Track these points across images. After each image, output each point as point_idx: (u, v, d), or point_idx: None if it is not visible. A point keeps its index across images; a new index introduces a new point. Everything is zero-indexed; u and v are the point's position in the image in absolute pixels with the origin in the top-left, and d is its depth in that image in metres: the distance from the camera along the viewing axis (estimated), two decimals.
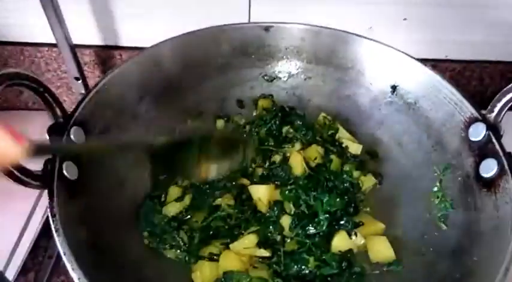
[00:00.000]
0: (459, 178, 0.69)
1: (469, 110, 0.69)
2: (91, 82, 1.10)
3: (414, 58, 0.78)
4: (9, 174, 0.53)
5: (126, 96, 0.74)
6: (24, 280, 0.87)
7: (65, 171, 0.59)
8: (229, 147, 0.65)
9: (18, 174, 0.53)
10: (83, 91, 1.04)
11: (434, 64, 1.10)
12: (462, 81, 1.15)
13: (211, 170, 0.63)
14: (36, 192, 0.92)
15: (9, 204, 0.90)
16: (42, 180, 0.57)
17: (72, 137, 0.63)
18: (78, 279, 0.48)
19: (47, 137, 0.61)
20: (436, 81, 0.75)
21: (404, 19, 1.00)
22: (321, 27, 0.84)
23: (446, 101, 0.73)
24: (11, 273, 0.80)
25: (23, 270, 0.84)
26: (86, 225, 0.59)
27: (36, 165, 0.58)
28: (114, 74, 0.72)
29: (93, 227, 0.60)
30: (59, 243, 0.51)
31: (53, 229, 0.53)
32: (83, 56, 1.05)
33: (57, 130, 0.62)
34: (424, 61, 1.08)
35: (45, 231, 0.93)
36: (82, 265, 0.50)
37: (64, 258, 0.50)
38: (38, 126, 1.05)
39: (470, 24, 1.01)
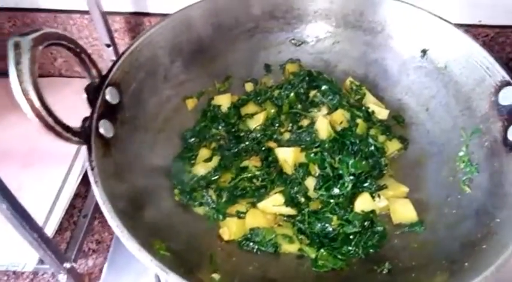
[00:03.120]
0: (486, 143, 0.69)
1: (501, 73, 0.68)
2: (121, 49, 1.13)
3: (446, 20, 0.77)
4: (51, 129, 0.56)
5: (157, 58, 0.76)
6: (60, 238, 0.94)
7: (101, 129, 0.62)
8: None
9: (60, 130, 0.56)
10: (114, 58, 1.07)
11: (466, 29, 1.06)
12: (496, 48, 1.12)
13: None
14: (71, 156, 0.97)
15: (47, 167, 0.95)
16: (80, 136, 0.60)
17: (107, 96, 0.65)
18: (117, 226, 0.52)
19: (84, 97, 0.64)
20: (468, 44, 0.74)
21: None
22: None
23: (478, 64, 0.72)
24: (48, 231, 0.85)
25: (60, 229, 0.90)
26: (121, 180, 0.62)
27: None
28: (146, 36, 0.73)
29: (127, 182, 0.64)
30: (98, 194, 0.55)
31: (92, 181, 0.56)
32: (114, 23, 1.08)
33: (93, 90, 0.65)
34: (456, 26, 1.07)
35: (79, 192, 0.99)
36: (119, 214, 0.54)
37: (103, 208, 0.54)
38: (70, 92, 1.11)
39: None
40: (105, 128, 0.63)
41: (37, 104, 0.53)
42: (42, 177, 0.94)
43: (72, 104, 0.63)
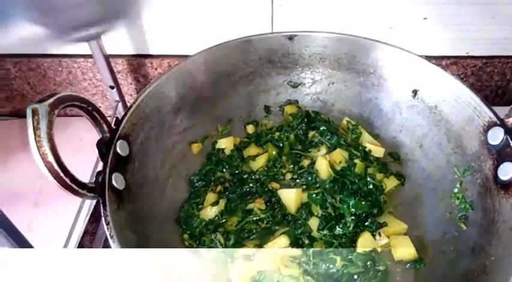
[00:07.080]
0: (478, 180, 0.72)
1: (488, 114, 0.71)
2: (124, 89, 1.17)
3: (434, 63, 0.80)
4: (68, 187, 0.59)
5: (163, 108, 0.80)
6: None
7: (114, 182, 0.65)
8: None
9: (76, 188, 0.59)
10: (117, 98, 1.11)
11: (455, 61, 1.12)
12: (484, 77, 1.16)
13: None
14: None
15: (58, 205, 0.96)
16: (95, 191, 0.63)
17: (118, 149, 0.69)
18: None
19: (96, 151, 0.68)
20: (455, 86, 0.76)
21: (425, 18, 1.02)
22: (343, 34, 0.87)
23: (466, 105, 0.75)
24: None
25: None
26: (133, 231, 0.65)
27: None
28: (152, 88, 0.77)
29: (139, 231, 0.67)
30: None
31: (108, 236, 0.59)
32: (116, 65, 1.12)
33: (104, 144, 0.69)
34: (445, 58, 1.12)
35: (87, 230, 1.01)
36: None
37: None
38: (76, 130, 1.14)
39: (489, 20, 1.03)
40: (117, 181, 0.66)
41: (55, 166, 0.56)
42: (53, 216, 0.94)
43: (77, 144, 0.65)
